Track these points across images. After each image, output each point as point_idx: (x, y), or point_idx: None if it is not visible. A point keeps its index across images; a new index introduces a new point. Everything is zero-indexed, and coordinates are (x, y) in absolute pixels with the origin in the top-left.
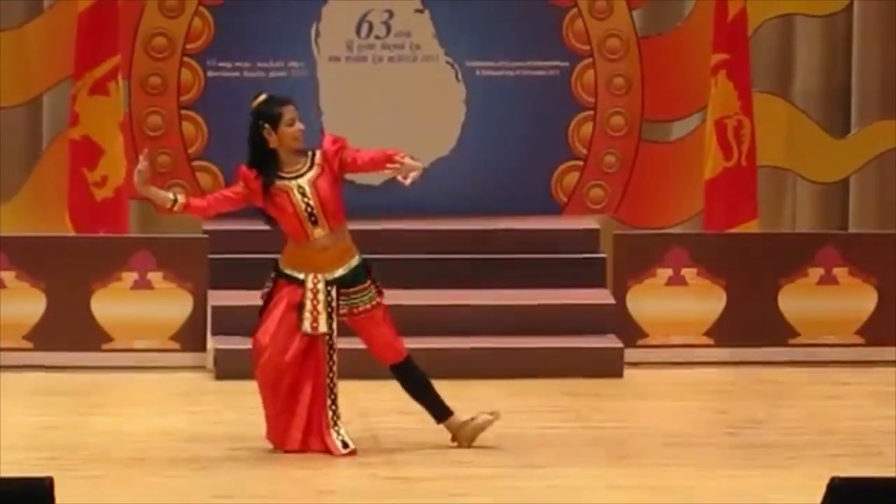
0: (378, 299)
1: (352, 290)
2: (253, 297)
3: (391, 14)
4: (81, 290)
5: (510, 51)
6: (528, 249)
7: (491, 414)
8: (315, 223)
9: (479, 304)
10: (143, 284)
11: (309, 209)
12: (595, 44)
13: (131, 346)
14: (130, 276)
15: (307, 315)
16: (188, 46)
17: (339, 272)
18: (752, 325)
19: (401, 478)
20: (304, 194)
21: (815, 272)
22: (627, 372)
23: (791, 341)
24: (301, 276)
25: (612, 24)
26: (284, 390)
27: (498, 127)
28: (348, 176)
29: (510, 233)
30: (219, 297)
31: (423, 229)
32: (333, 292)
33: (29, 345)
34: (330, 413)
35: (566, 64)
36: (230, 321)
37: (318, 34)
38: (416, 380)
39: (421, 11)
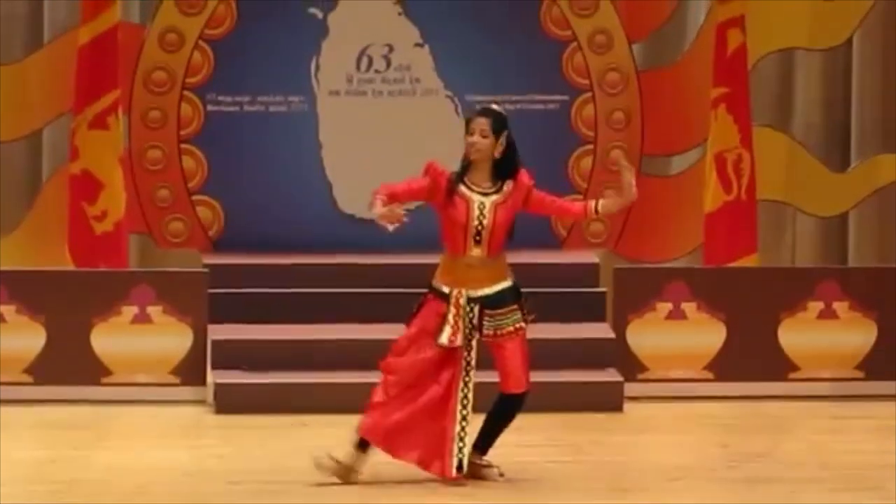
0: (522, 324)
1: (497, 311)
2: (253, 332)
3: (391, 48)
4: (81, 324)
5: (510, 85)
6: (527, 283)
7: (501, 475)
8: (478, 243)
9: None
10: (142, 318)
11: (479, 228)
12: (595, 78)
13: (131, 381)
14: (130, 311)
15: (447, 328)
16: (188, 80)
17: (484, 291)
18: (752, 360)
19: None
20: (481, 211)
21: (815, 306)
22: (627, 406)
23: (791, 375)
24: (447, 290)
25: (611, 59)
26: (412, 394)
27: None
28: (351, 211)
29: (510, 267)
30: (219, 332)
31: (422, 263)
32: (476, 310)
33: (29, 379)
34: (457, 429)
35: (566, 98)
36: (230, 355)
37: (317, 68)
38: (504, 417)
39: (421, 45)
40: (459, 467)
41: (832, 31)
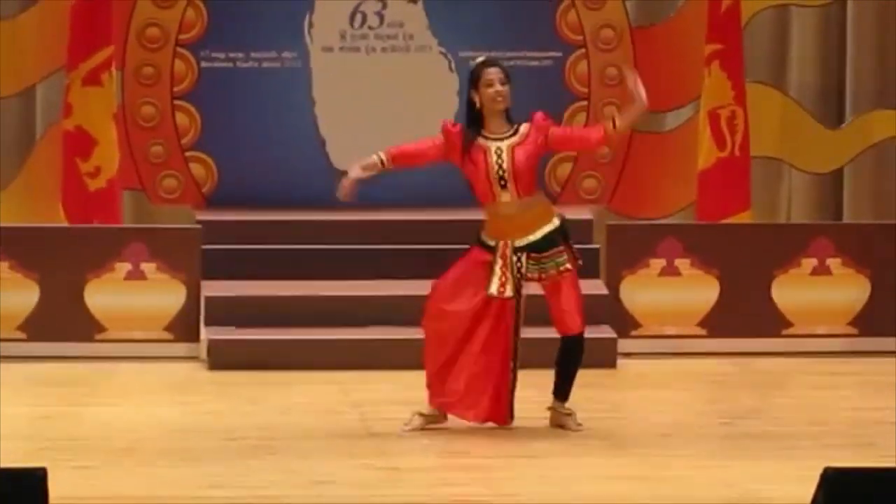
0: (567, 266)
1: (543, 254)
2: (246, 288)
3: (384, 4)
4: (75, 281)
5: (504, 41)
6: None
7: (579, 425)
8: (503, 187)
9: None
10: (136, 275)
11: (500, 172)
12: (588, 34)
13: (125, 337)
14: (124, 267)
15: (495, 280)
16: (181, 37)
17: (529, 238)
18: (745, 316)
19: (395, 468)
20: (499, 156)
21: (809, 262)
22: (621, 362)
23: (784, 332)
24: (492, 243)
25: (605, 15)
26: (451, 344)
27: None
28: (345, 167)
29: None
30: (212, 288)
31: (417, 220)
32: (523, 258)
33: (22, 335)
34: (511, 377)
35: (559, 54)
36: (223, 312)
37: (311, 25)
38: (571, 362)
39: (414, 2)
40: (511, 416)
41: None
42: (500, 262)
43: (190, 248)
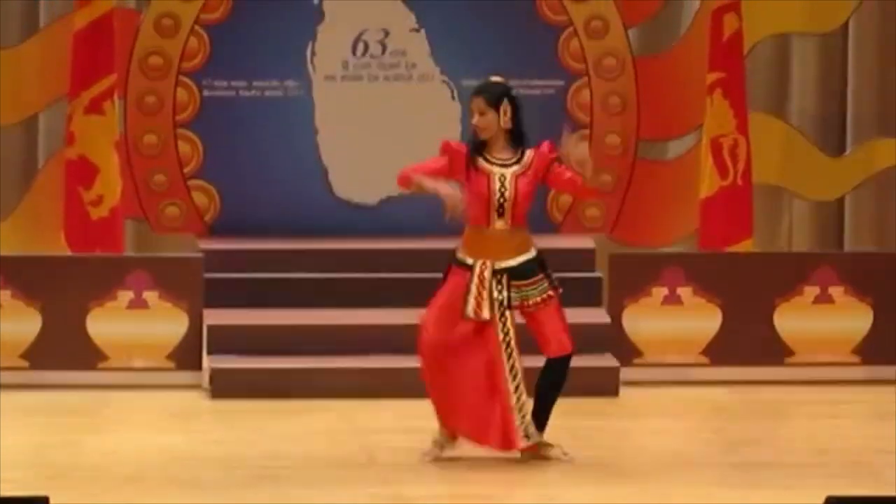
0: (550, 292)
1: (523, 282)
2: (249, 317)
3: (387, 33)
4: (77, 310)
5: (506, 70)
6: None
7: (564, 454)
8: (500, 215)
9: None
10: (138, 304)
11: (501, 199)
12: (591, 63)
13: (127, 366)
14: (126, 296)
15: (471, 300)
16: (184, 65)
17: (510, 262)
18: (747, 344)
19: (398, 497)
20: (502, 183)
21: (811, 291)
22: (623, 391)
23: (787, 360)
24: (470, 261)
25: (607, 44)
26: (450, 371)
27: None
28: (347, 196)
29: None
30: (214, 317)
31: (419, 248)
32: (504, 281)
33: (25, 364)
34: (513, 401)
35: (562, 83)
36: (226, 340)
37: (313, 53)
38: (553, 386)
39: (416, 30)
40: (526, 435)
41: (828, 16)
42: (476, 282)
43: (192, 277)
